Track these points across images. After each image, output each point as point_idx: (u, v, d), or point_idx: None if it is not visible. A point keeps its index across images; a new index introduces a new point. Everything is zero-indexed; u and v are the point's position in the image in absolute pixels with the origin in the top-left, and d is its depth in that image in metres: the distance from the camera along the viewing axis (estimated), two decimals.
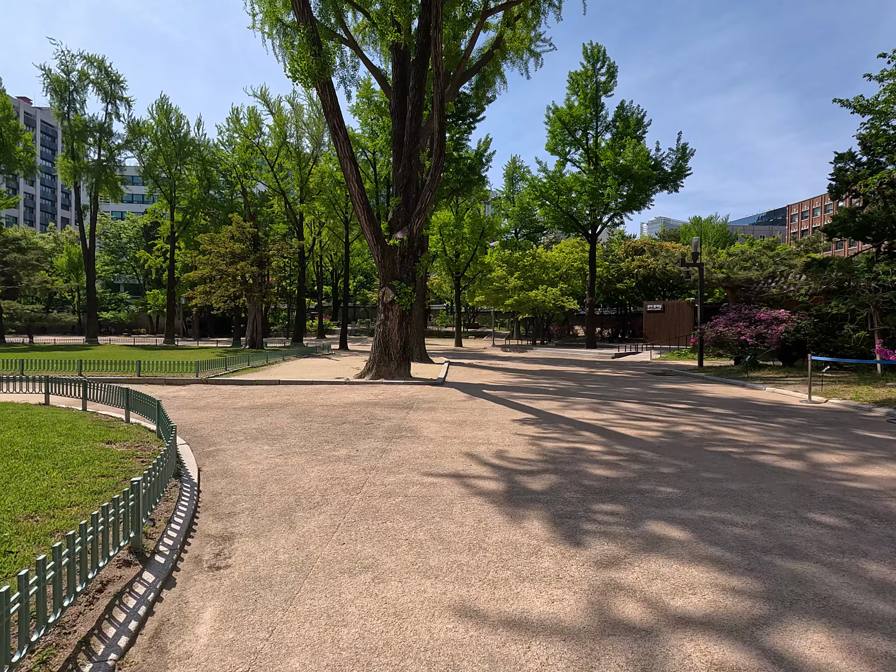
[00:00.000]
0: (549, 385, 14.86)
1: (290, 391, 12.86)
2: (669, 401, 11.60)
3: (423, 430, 7.91)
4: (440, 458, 6.21)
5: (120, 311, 72.54)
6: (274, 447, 6.74)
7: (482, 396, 12.10)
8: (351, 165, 13.45)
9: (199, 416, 9.04)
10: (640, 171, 32.64)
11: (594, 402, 11.29)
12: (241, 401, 11.16)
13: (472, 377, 17.14)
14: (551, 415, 9.49)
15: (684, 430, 8.10)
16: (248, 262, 28.01)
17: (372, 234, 14.41)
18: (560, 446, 6.87)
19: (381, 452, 6.51)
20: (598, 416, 9.29)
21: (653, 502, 4.64)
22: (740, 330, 16.31)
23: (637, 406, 10.66)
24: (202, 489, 5.02)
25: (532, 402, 11.22)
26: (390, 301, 14.89)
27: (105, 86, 41.92)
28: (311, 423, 8.43)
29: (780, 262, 25.72)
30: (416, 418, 9.02)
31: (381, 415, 9.36)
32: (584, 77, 36.56)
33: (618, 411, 9.96)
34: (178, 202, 44.98)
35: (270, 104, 40.75)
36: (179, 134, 43.73)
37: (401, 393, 12.65)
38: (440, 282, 67.18)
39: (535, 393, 12.91)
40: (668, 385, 15.25)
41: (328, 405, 10.52)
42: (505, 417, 9.19)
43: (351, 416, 9.24)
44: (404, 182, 15.21)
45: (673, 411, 10.00)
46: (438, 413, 9.61)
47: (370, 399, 11.48)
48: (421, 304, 22.70)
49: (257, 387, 13.82)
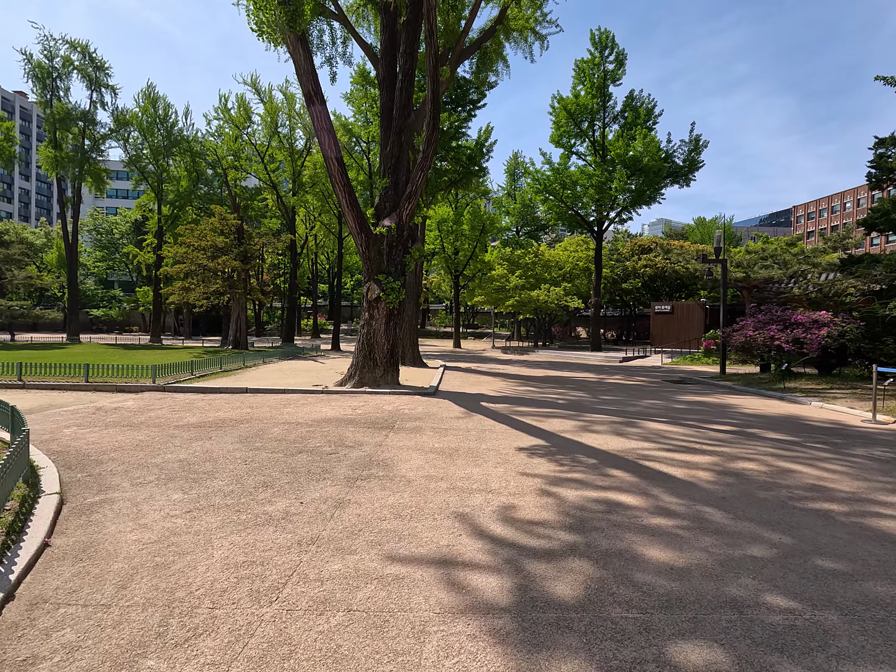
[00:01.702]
0: (558, 396, 12.93)
1: (254, 402, 10.95)
2: (705, 419, 9.68)
3: (400, 466, 5.99)
4: (417, 521, 4.29)
5: (111, 309, 70.59)
6: (188, 495, 4.82)
7: (480, 411, 10.18)
8: (329, 139, 11.53)
9: (120, 439, 7.12)
10: (651, 164, 30.73)
11: (615, 420, 9.37)
12: (191, 415, 9.25)
13: (470, 385, 15.22)
14: (566, 440, 7.56)
15: (743, 467, 6.18)
16: (232, 256, 26.08)
17: (355, 221, 12.49)
18: (586, 497, 4.95)
19: (336, 507, 4.59)
20: (626, 444, 7.37)
21: (767, 637, 2.72)
22: (773, 334, 14.39)
23: (669, 427, 8.74)
24: (22, 590, 3.09)
25: (540, 420, 9.30)
26: (375, 298, 12.98)
27: (90, 72, 40.03)
28: (257, 453, 6.51)
29: (804, 261, 23.82)
30: (395, 445, 7.10)
31: (353, 439, 7.44)
32: (591, 65, 34.62)
33: (647, 434, 8.04)
34: (166, 195, 43.10)
35: (261, 93, 38.83)
36: (167, 124, 41.81)
37: (384, 406, 10.73)
38: (439, 280, 65.29)
39: (542, 407, 10.98)
40: (694, 396, 13.33)
41: (291, 423, 8.60)
42: (508, 443, 7.27)
43: (314, 440, 7.32)
44: (393, 161, 13.29)
45: (717, 436, 8.07)
46: (425, 436, 7.68)
47: (345, 414, 9.55)
48: (414, 301, 20.77)
49: (220, 396, 11.91)
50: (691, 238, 63.16)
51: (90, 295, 73.15)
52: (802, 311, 15.11)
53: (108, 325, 71.07)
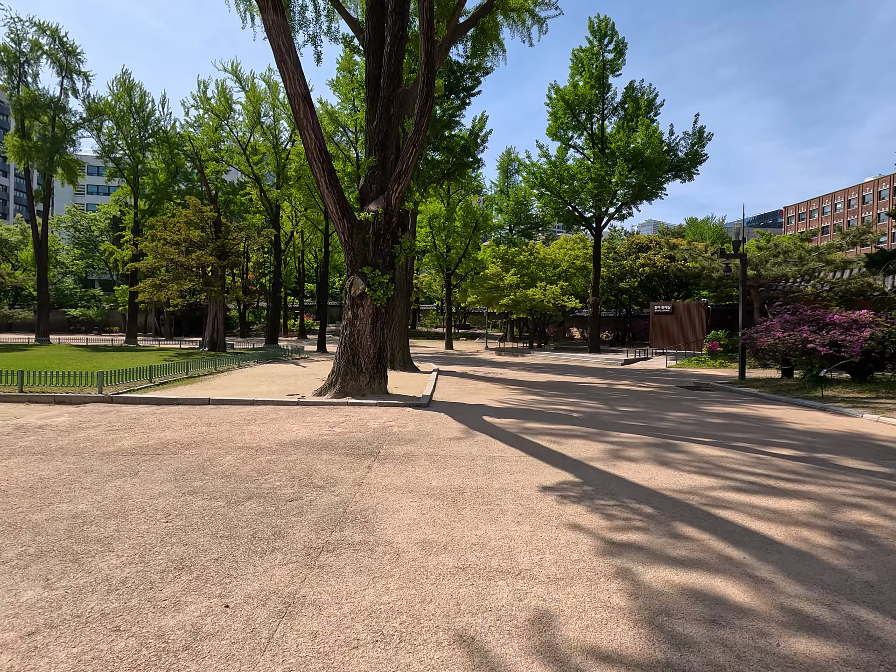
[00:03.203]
0: (570, 408, 11.28)
1: (214, 417, 9.15)
2: (754, 439, 8.07)
3: (385, 523, 4.27)
4: (409, 652, 2.58)
5: (90, 309, 67.88)
6: (50, 593, 3.06)
7: (484, 429, 8.48)
8: (304, 106, 9.76)
9: (15, 476, 5.31)
10: (653, 156, 29.29)
11: (649, 441, 7.72)
12: (129, 437, 7.44)
13: (468, 393, 13.52)
14: (600, 474, 5.89)
15: (858, 519, 4.54)
16: (207, 251, 24.13)
17: (335, 204, 10.73)
18: (666, 584, 3.27)
19: (279, 616, 2.86)
20: (679, 479, 5.72)
21: None
22: (806, 336, 12.87)
23: (718, 451, 7.11)
24: None
25: (559, 441, 7.62)
26: (360, 294, 11.22)
27: (60, 58, 37.82)
28: (190, 500, 4.76)
29: (818, 258, 22.46)
30: (379, 483, 5.38)
31: (325, 474, 5.70)
32: (590, 55, 33.11)
33: (698, 463, 6.40)
34: (143, 188, 40.93)
35: (243, 81, 36.86)
36: (144, 113, 39.64)
37: (369, 422, 8.99)
38: (430, 280, 63.58)
39: (556, 423, 9.31)
40: (722, 407, 11.75)
41: (251, 448, 6.84)
42: (527, 479, 5.59)
43: (273, 475, 5.58)
44: (380, 138, 11.54)
45: (787, 466, 6.46)
46: (418, 468, 5.97)
47: (320, 435, 7.80)
48: (405, 299, 19.01)
49: (176, 409, 10.08)
50: (689, 236, 62.06)
51: (68, 294, 70.47)
52: (838, 309, 13.63)
53: (86, 325, 68.47)
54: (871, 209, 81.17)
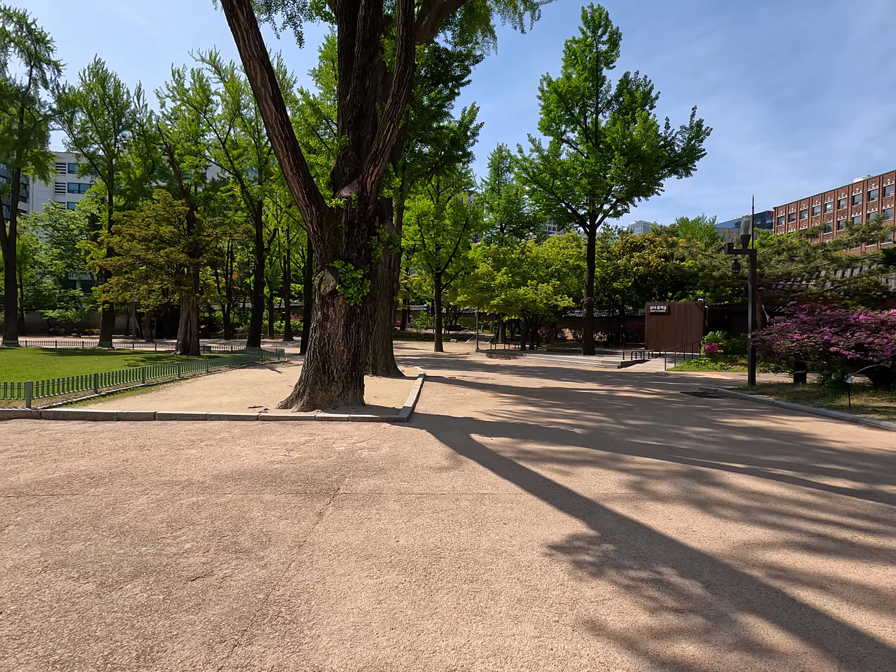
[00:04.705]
0: (572, 421, 9.93)
1: (152, 437, 7.69)
2: (796, 465, 6.76)
3: (319, 628, 2.87)
4: None
5: (68, 310, 65.61)
6: None
7: (472, 454, 7.10)
8: (262, 72, 8.32)
9: None
10: (649, 151, 28.12)
11: (673, 468, 6.39)
12: (33, 467, 5.98)
13: (455, 403, 12.13)
14: (620, 520, 4.53)
15: None
16: (178, 248, 22.52)
17: (301, 189, 9.30)
18: None
19: None
20: (725, 530, 4.37)
21: None
22: (828, 338, 11.65)
23: (762, 485, 5.78)
24: None
25: (564, 471, 6.26)
26: (331, 292, 9.80)
27: (28, 46, 35.95)
28: (46, 583, 3.31)
29: (824, 255, 21.39)
30: (328, 544, 3.97)
31: (257, 529, 4.28)
32: (583, 46, 31.92)
33: (745, 505, 5.06)
34: (118, 184, 39.14)
35: (222, 71, 35.21)
36: (118, 105, 37.83)
37: (335, 443, 7.57)
38: (420, 280, 62.14)
39: (557, 443, 7.95)
40: (741, 419, 10.47)
41: (176, 485, 5.41)
42: (527, 534, 4.22)
43: (185, 533, 4.16)
44: (354, 114, 10.12)
45: (853, 507, 5.14)
46: (384, 516, 4.57)
47: (272, 462, 6.37)
48: (388, 299, 17.56)
49: (114, 426, 8.59)
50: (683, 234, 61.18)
51: (47, 295, 68.18)
52: (864, 309, 12.46)
53: (66, 326, 66.27)
54: (861, 209, 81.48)
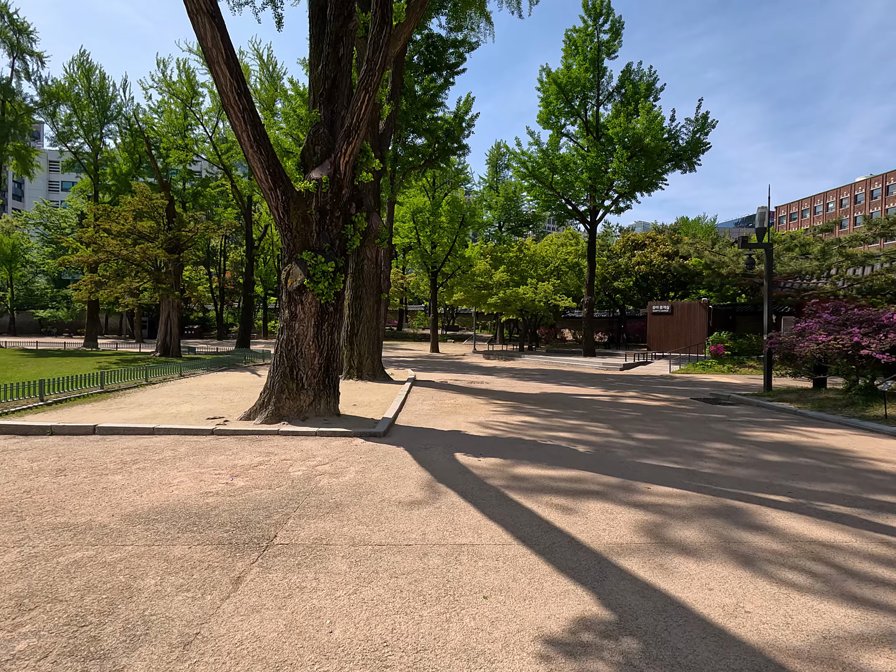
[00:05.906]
0: (573, 435, 8.71)
1: (77, 458, 6.46)
2: (848, 496, 5.55)
3: None
4: None
5: (59, 310, 64.42)
6: None
7: (453, 482, 5.88)
8: (212, 30, 7.11)
9: None
10: (653, 144, 26.92)
11: (697, 501, 5.17)
12: None
13: (443, 413, 10.91)
14: (642, 591, 3.32)
15: None
16: (156, 244, 21.28)
17: (263, 170, 8.08)
18: None
19: None
20: (790, 608, 3.16)
21: None
22: (857, 339, 10.46)
23: (820, 530, 4.57)
24: None
25: (564, 505, 5.05)
26: (298, 288, 8.58)
27: (10, 36, 34.68)
28: None
29: (839, 251, 20.20)
30: (228, 641, 2.73)
31: (138, 612, 3.04)
32: (584, 35, 30.72)
33: (807, 564, 3.85)
34: (104, 179, 37.90)
35: None
36: (104, 98, 36.58)
37: (292, 466, 6.35)
38: (417, 279, 60.89)
39: (556, 465, 6.73)
40: (765, 432, 9.26)
41: (69, 530, 4.18)
42: (515, 618, 2.99)
43: (32, 621, 2.92)
44: (327, 86, 8.91)
45: None
46: (323, 585, 3.34)
47: (204, 495, 5.14)
48: (375, 297, 16.30)
49: (40, 441, 7.35)
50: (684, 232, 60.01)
51: (39, 295, 67.00)
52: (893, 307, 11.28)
53: (58, 326, 65.14)
54: (864, 208, 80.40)
